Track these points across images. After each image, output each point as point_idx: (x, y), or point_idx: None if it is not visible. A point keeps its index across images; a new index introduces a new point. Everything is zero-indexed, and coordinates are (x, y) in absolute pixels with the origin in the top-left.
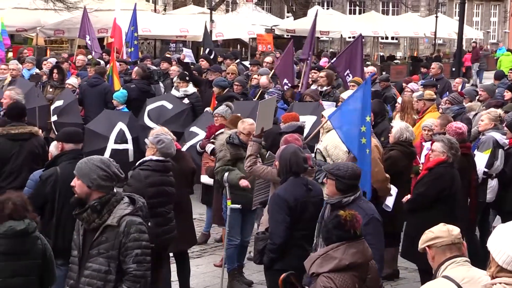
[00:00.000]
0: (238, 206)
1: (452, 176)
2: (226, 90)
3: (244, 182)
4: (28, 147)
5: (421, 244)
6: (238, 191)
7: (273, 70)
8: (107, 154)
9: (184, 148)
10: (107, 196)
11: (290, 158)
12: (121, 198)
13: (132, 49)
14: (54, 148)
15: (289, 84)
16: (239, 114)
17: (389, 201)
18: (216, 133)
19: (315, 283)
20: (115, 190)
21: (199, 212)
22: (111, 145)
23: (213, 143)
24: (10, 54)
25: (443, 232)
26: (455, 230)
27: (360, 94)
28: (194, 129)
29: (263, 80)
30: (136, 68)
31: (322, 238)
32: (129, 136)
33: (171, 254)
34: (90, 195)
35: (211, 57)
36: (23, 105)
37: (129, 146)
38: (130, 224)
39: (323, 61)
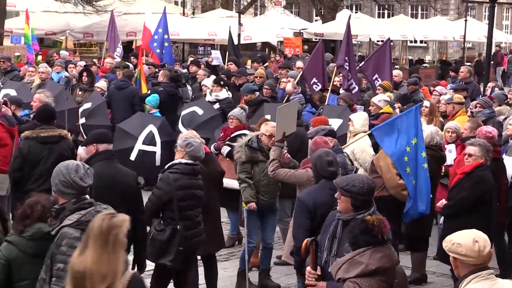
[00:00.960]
0: (251, 207)
1: (491, 179)
2: (257, 95)
3: (251, 206)
4: (57, 150)
5: (447, 251)
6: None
7: (300, 73)
8: (134, 154)
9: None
10: (66, 203)
11: (316, 162)
12: (80, 208)
13: (159, 50)
14: (82, 151)
15: (319, 84)
16: (268, 117)
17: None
18: (234, 134)
19: None
20: (84, 198)
21: (226, 215)
22: (138, 146)
23: (228, 145)
24: (39, 57)
25: (473, 252)
26: (486, 249)
27: (409, 118)
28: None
29: (288, 87)
30: (164, 70)
31: (349, 244)
32: (158, 140)
33: (199, 257)
34: (57, 200)
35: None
36: (52, 108)
37: (157, 149)
38: (63, 236)
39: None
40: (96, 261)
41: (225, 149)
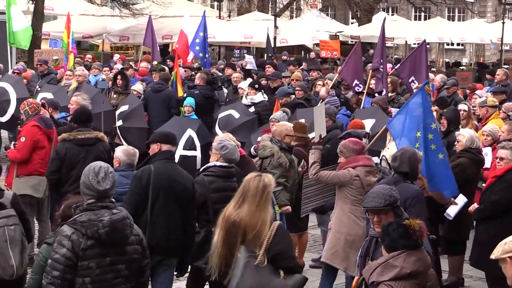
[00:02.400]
0: (287, 210)
1: None
2: (293, 98)
3: (288, 209)
4: (94, 152)
5: (500, 253)
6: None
7: (336, 76)
8: (175, 160)
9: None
10: (81, 203)
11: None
12: (89, 209)
13: (201, 54)
14: (121, 153)
15: (361, 86)
16: (303, 120)
17: (452, 210)
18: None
19: None
20: (103, 200)
21: None
22: (179, 151)
23: None
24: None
25: None
26: None
27: (418, 100)
28: (266, 135)
29: (322, 92)
30: (200, 73)
31: (385, 247)
32: (197, 143)
33: None
34: (78, 200)
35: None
36: (89, 110)
37: (198, 153)
38: (58, 232)
39: (387, 67)
40: (251, 213)
41: None
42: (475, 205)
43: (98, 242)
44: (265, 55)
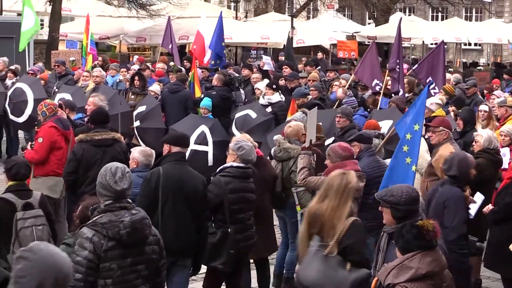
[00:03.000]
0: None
1: None
2: (309, 98)
3: None
4: (111, 153)
5: None
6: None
7: (352, 76)
8: (186, 154)
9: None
10: (99, 204)
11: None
12: (108, 210)
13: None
14: (138, 154)
15: (380, 84)
16: (320, 123)
17: (473, 209)
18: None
19: None
20: (121, 201)
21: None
22: (190, 146)
23: None
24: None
25: None
26: None
27: (418, 102)
28: (278, 137)
29: (339, 93)
30: (218, 74)
31: (399, 249)
32: (210, 139)
33: (251, 261)
34: (96, 201)
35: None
36: (106, 111)
37: (209, 149)
38: (78, 235)
39: (404, 67)
40: (331, 208)
41: None
42: (489, 206)
43: (119, 243)
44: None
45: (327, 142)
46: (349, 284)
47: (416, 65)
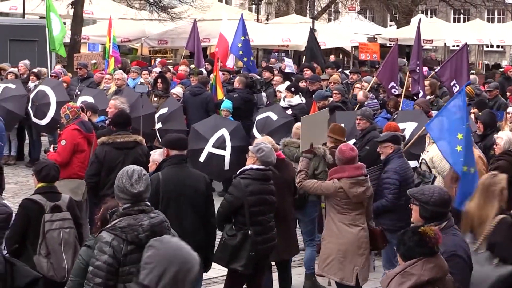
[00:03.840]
0: None
1: None
2: (330, 101)
3: None
4: (132, 156)
5: None
6: None
7: (373, 78)
8: (203, 156)
9: None
10: (119, 208)
11: None
12: (126, 213)
13: (246, 59)
14: (158, 156)
15: (397, 88)
16: (342, 124)
17: None
18: None
19: None
20: (139, 204)
21: None
22: (208, 148)
23: None
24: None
25: None
26: None
27: (458, 103)
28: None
29: (360, 96)
30: (239, 77)
31: (401, 256)
32: (228, 144)
33: (272, 263)
34: (117, 204)
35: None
36: (128, 113)
37: (227, 153)
38: (97, 239)
39: (424, 70)
40: (477, 206)
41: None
42: None
43: (138, 247)
44: (303, 57)
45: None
46: (493, 279)
47: (439, 68)
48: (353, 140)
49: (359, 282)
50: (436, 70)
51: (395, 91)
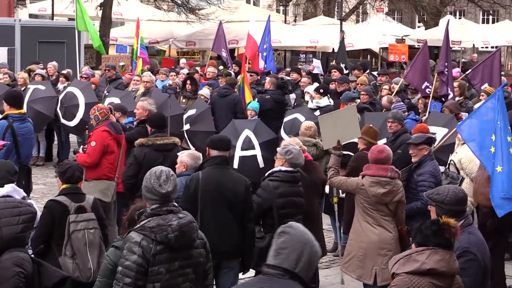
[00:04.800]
0: None
1: None
2: (357, 102)
3: None
4: (171, 158)
5: None
6: None
7: (401, 80)
8: (235, 162)
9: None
10: (146, 208)
11: None
12: (154, 214)
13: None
14: (186, 157)
15: (430, 88)
16: (371, 125)
17: None
18: (347, 141)
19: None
20: (167, 204)
21: (327, 222)
22: (238, 153)
23: None
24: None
25: None
26: None
27: (490, 105)
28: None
29: (384, 101)
30: (270, 78)
31: (416, 244)
32: (255, 142)
33: None
34: (145, 205)
35: (345, 71)
36: (164, 115)
37: (257, 152)
38: (126, 239)
39: (455, 71)
40: None
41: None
42: None
43: (167, 247)
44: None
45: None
46: None
47: (470, 71)
48: (383, 141)
49: (377, 282)
50: (467, 73)
51: (429, 91)
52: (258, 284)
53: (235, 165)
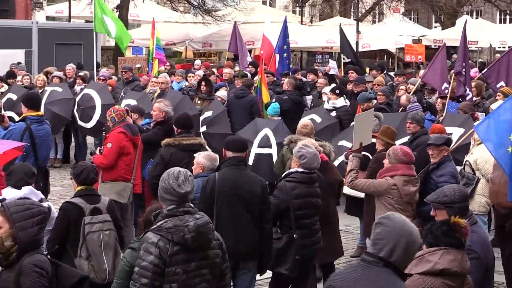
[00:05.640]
0: None
1: None
2: (374, 103)
3: None
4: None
5: None
6: None
7: (419, 81)
8: (251, 158)
9: (336, 163)
10: (163, 209)
11: None
12: (171, 215)
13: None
14: (202, 159)
15: (449, 88)
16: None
17: None
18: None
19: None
20: (183, 205)
21: (344, 223)
22: (254, 150)
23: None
24: (161, 68)
25: None
26: None
27: (508, 105)
28: (343, 143)
29: (402, 100)
30: (288, 79)
31: (427, 245)
32: (273, 141)
33: (317, 265)
34: (161, 207)
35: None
36: (191, 116)
37: (273, 151)
38: (143, 240)
39: (473, 71)
40: None
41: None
42: None
43: (184, 248)
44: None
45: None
46: None
47: (486, 70)
48: (401, 141)
49: None
50: (483, 72)
51: (447, 92)
52: (355, 269)
53: (250, 162)
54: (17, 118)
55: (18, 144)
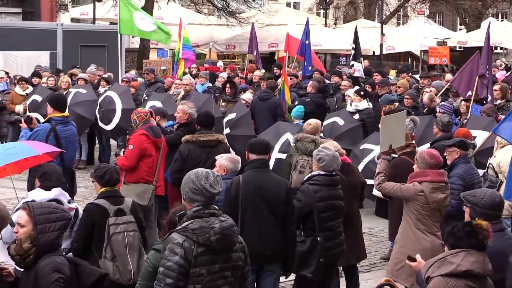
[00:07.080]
0: None
1: None
2: (396, 105)
3: None
4: (214, 154)
5: None
6: None
7: (446, 85)
8: (271, 163)
9: (360, 167)
10: (188, 210)
11: None
12: (197, 216)
13: (305, 63)
14: (225, 161)
15: (471, 94)
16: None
17: None
18: None
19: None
20: (209, 207)
21: (368, 226)
22: (275, 154)
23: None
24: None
25: None
26: None
27: None
28: (366, 145)
29: (424, 99)
30: (312, 81)
31: (448, 246)
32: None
33: (340, 268)
34: (186, 208)
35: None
36: (212, 114)
37: None
38: (168, 240)
39: (500, 74)
40: None
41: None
42: None
43: (209, 249)
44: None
45: (421, 148)
46: None
47: (510, 73)
48: (427, 145)
49: None
50: (507, 74)
51: (469, 95)
52: None
53: (271, 166)
54: (42, 120)
55: (55, 149)
